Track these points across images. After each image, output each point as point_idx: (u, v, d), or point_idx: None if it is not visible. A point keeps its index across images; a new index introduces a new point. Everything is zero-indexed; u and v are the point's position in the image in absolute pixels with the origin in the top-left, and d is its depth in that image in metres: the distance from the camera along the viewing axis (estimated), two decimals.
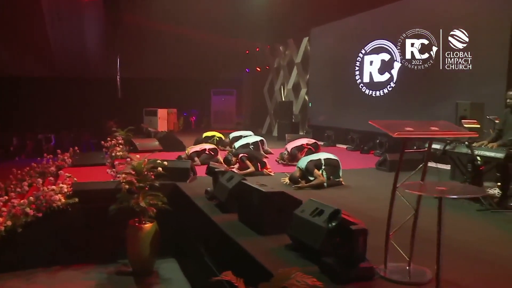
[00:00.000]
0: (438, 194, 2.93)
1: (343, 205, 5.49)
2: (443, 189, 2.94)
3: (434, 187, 2.98)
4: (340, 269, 3.48)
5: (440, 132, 3.49)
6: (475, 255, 4.33)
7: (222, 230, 5.12)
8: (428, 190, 3.13)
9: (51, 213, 7.02)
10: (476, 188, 3.18)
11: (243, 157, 8.60)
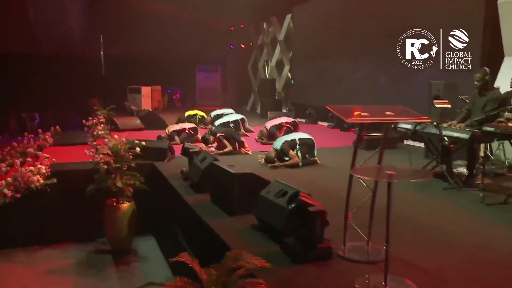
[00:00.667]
0: (386, 178, 3.06)
1: (315, 184, 5.69)
2: (392, 173, 3.06)
3: (384, 172, 3.10)
4: (299, 249, 3.64)
5: (394, 117, 3.62)
6: (431, 234, 4.52)
7: (194, 211, 5.27)
8: (377, 174, 3.25)
9: (30, 194, 7.11)
10: (425, 173, 3.32)
11: (220, 136, 8.71)
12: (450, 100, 7.96)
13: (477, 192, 5.82)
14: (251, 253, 3.63)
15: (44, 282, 6.00)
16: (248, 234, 4.42)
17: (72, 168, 7.61)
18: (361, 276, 3.45)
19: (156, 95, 20.40)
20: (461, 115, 6.82)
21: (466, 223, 4.87)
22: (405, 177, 3.16)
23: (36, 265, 6.56)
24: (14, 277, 6.16)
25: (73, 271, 6.39)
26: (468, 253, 4.00)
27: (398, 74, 10.78)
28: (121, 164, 6.80)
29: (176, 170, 7.14)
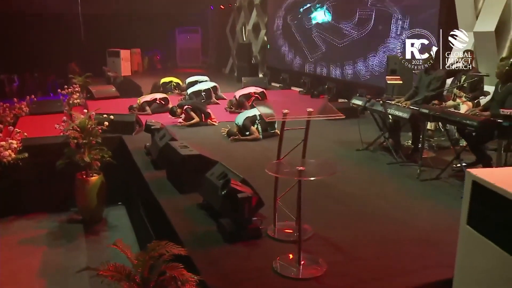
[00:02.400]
0: (296, 176, 3.44)
1: (266, 157, 5.91)
2: (301, 169, 3.47)
3: (295, 168, 3.50)
4: (230, 230, 4.13)
5: (313, 115, 4.00)
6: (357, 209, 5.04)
7: (148, 186, 5.74)
8: (287, 172, 3.63)
9: (2, 169, 7.50)
10: (332, 167, 3.73)
11: (187, 108, 9.10)
12: (406, 74, 8.35)
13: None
14: (189, 232, 4.16)
15: (15, 253, 6.48)
16: (192, 212, 4.90)
17: (43, 142, 7.99)
18: (283, 255, 3.93)
19: (135, 58, 20.51)
20: (409, 92, 7.25)
21: (395, 198, 5.37)
22: (313, 173, 3.55)
23: (10, 235, 7.02)
24: None
25: (45, 241, 6.88)
26: (385, 229, 4.50)
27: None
28: (88, 139, 7.19)
29: (142, 144, 7.55)
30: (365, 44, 11.34)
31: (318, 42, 13.41)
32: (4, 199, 7.58)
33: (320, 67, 13.32)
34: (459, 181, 5.78)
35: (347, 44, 12.16)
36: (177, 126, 9.00)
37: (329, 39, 12.88)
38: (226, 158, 6.80)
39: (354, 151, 7.37)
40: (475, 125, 5.20)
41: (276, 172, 3.61)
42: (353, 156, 7.19)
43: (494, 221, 2.66)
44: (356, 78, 11.67)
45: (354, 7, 11.62)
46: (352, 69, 11.90)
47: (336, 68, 12.58)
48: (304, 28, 14.06)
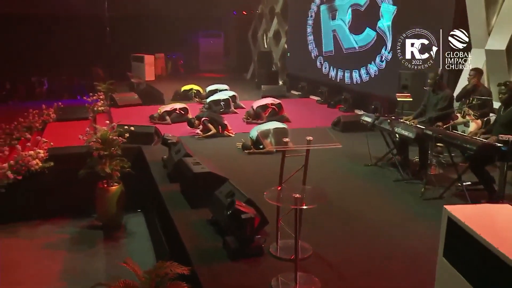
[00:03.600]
0: (292, 204, 3.71)
1: (277, 173, 6.14)
2: (298, 197, 3.73)
3: (291, 195, 3.77)
4: (234, 247, 4.45)
5: (313, 144, 4.27)
6: (355, 227, 5.32)
7: (163, 199, 6.10)
8: (284, 199, 3.90)
9: (30, 175, 7.99)
10: (323, 194, 4.00)
11: (205, 120, 9.46)
12: (418, 89, 8.54)
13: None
14: (197, 246, 4.50)
15: (39, 257, 6.92)
16: (201, 227, 5.24)
17: (67, 152, 8.45)
18: (282, 273, 4.23)
19: (159, 62, 20.99)
20: (417, 111, 7.46)
21: (393, 217, 5.62)
22: (308, 200, 3.83)
23: (34, 239, 7.49)
24: (14, 251, 7.09)
25: (66, 246, 7.31)
26: (379, 247, 4.78)
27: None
28: (109, 151, 7.59)
29: (160, 156, 7.94)
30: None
31: (337, 51, 13.61)
32: (31, 204, 8.08)
33: (338, 77, 13.53)
34: (462, 201, 5.99)
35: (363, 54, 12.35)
36: (194, 137, 9.36)
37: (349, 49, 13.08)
38: (238, 172, 7.20)
39: (362, 166, 7.61)
40: (474, 149, 5.41)
41: (275, 199, 3.89)
42: (361, 171, 7.43)
43: (466, 257, 2.89)
44: (372, 89, 11.85)
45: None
46: (369, 80, 12.09)
47: (353, 78, 12.78)
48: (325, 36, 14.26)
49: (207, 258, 4.53)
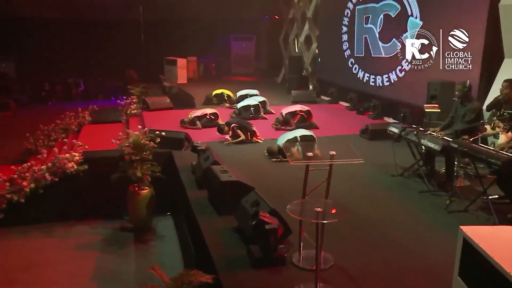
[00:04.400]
0: (314, 219, 3.84)
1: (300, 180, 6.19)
2: (320, 210, 3.86)
3: (313, 209, 3.90)
4: (257, 256, 4.60)
5: (336, 159, 4.38)
6: (376, 237, 5.39)
7: (190, 205, 6.31)
8: (306, 213, 4.03)
9: (66, 177, 8.35)
10: (345, 209, 4.10)
11: (234, 127, 9.66)
12: (446, 100, 8.53)
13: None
14: (221, 253, 4.68)
15: (72, 256, 7.26)
16: (227, 234, 5.41)
17: (100, 155, 8.79)
18: (304, 283, 4.37)
19: (191, 65, 21.31)
20: (444, 122, 7.46)
21: (416, 229, 5.66)
22: (331, 215, 3.95)
23: (69, 239, 7.85)
24: (49, 250, 7.46)
25: (98, 247, 7.62)
26: (400, 259, 4.85)
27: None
28: (141, 155, 7.86)
29: (189, 161, 8.15)
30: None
31: (367, 56, 13.59)
32: (66, 205, 8.45)
33: (367, 81, 13.52)
34: (487, 215, 5.98)
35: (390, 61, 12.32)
36: (223, 143, 9.56)
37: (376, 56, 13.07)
38: (264, 179, 7.35)
39: (388, 176, 7.64)
40: (499, 164, 5.42)
41: (298, 213, 4.02)
42: (386, 181, 7.47)
43: (480, 278, 2.97)
44: (401, 96, 11.82)
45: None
46: (398, 87, 12.05)
47: (381, 84, 12.76)
48: (357, 39, 14.26)
49: (231, 265, 4.69)
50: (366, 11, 13.40)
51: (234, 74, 23.03)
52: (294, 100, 14.44)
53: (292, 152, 8.30)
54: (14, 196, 8.04)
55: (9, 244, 7.62)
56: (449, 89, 8.77)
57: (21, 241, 7.72)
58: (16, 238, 7.80)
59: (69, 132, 12.23)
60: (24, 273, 6.72)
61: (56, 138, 12.10)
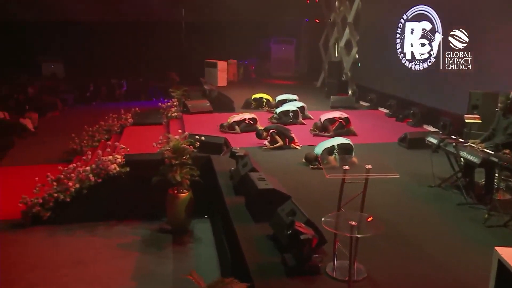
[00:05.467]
0: (348, 232, 3.92)
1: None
2: (354, 224, 3.94)
3: (348, 222, 3.98)
4: (291, 264, 4.71)
5: (372, 172, 4.43)
6: (411, 250, 5.40)
7: (227, 210, 6.46)
8: (341, 226, 4.11)
9: (108, 179, 8.66)
10: (380, 223, 4.15)
11: (272, 132, 9.78)
12: (488, 110, 8.40)
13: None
14: (256, 260, 4.81)
15: (113, 256, 7.52)
16: (262, 242, 5.54)
17: (142, 158, 9.05)
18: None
19: (231, 68, 21.53)
20: (486, 134, 7.36)
21: (451, 243, 5.65)
22: (365, 229, 4.02)
23: (110, 239, 8.13)
24: (91, 248, 7.75)
25: (138, 247, 7.87)
26: (433, 274, 4.87)
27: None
28: (180, 160, 8.07)
29: (228, 166, 8.32)
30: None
31: (408, 62, 13.45)
32: (108, 205, 8.75)
33: (408, 91, 13.38)
34: None
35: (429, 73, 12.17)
36: (261, 148, 9.69)
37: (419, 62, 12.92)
38: (301, 187, 7.44)
39: (425, 186, 7.58)
40: None
41: (332, 226, 4.11)
42: (424, 192, 7.43)
43: None
44: (441, 105, 11.66)
45: None
46: (438, 96, 11.89)
47: (423, 92, 12.61)
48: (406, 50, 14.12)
49: (265, 272, 4.82)
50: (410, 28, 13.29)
51: (274, 77, 23.12)
52: (333, 105, 14.44)
53: (329, 161, 8.41)
54: (60, 195, 8.42)
55: (57, 241, 7.99)
56: (492, 99, 8.62)
57: (67, 238, 8.07)
58: (62, 235, 8.15)
59: (112, 133, 12.65)
60: (71, 270, 7.05)
61: (99, 139, 12.55)
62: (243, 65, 23.29)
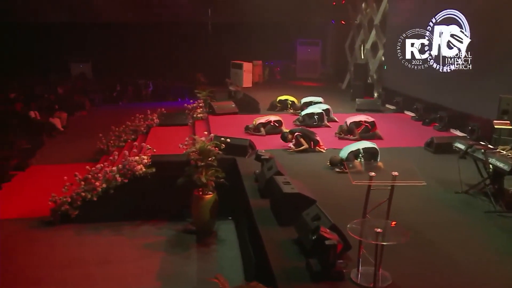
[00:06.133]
0: (374, 240, 3.91)
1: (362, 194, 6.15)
2: (380, 231, 3.93)
3: (374, 229, 3.97)
4: (316, 270, 4.71)
5: (398, 179, 4.40)
6: (438, 259, 5.32)
7: (252, 213, 6.49)
8: (366, 233, 4.09)
9: (134, 179, 8.79)
10: (406, 231, 4.12)
11: (298, 135, 9.76)
12: None
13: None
14: (281, 264, 4.83)
15: (138, 255, 7.66)
16: (287, 245, 5.55)
17: (168, 159, 9.16)
18: None
19: (256, 69, 21.56)
20: None
21: (478, 253, 5.54)
22: (391, 237, 3.99)
23: (135, 238, 8.27)
24: (117, 247, 7.92)
25: (163, 247, 7.98)
26: (459, 283, 4.80)
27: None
28: (206, 161, 8.13)
29: (253, 169, 8.34)
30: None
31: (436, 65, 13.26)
32: (134, 205, 8.90)
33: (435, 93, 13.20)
34: None
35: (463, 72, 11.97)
36: (287, 151, 9.70)
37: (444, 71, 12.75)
38: (326, 191, 7.42)
39: (452, 192, 7.46)
40: None
41: (358, 233, 4.10)
42: (450, 198, 7.30)
43: None
44: (470, 109, 11.47)
45: None
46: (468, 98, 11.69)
47: (450, 96, 12.43)
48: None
49: (290, 277, 4.83)
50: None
51: (299, 79, 23.06)
52: (359, 108, 14.33)
53: (355, 165, 8.35)
54: (88, 194, 8.59)
55: (84, 240, 8.16)
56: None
57: (93, 237, 8.24)
58: (89, 234, 8.33)
59: (138, 134, 12.81)
60: (98, 268, 7.21)
61: (126, 139, 12.72)
62: (269, 66, 23.31)
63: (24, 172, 11.89)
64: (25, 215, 9.07)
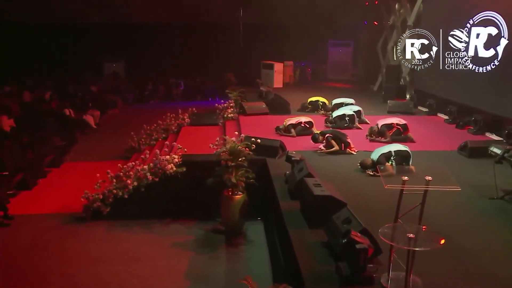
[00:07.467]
0: (406, 245, 3.83)
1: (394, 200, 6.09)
2: (412, 237, 3.85)
3: (406, 234, 3.89)
4: (346, 274, 4.65)
5: (431, 184, 4.30)
6: (469, 267, 5.20)
7: (282, 214, 6.46)
8: (398, 238, 4.01)
9: (165, 178, 8.87)
10: (438, 237, 4.03)
11: (328, 137, 9.69)
12: None
13: None
14: (310, 267, 4.79)
15: (168, 254, 7.72)
16: (316, 248, 5.49)
17: (198, 159, 9.22)
18: None
19: (287, 70, 21.54)
20: None
21: None
22: (423, 243, 3.91)
23: (165, 237, 8.34)
24: (148, 245, 8.00)
25: (191, 247, 8.02)
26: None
27: None
28: (236, 162, 8.15)
29: (283, 170, 8.29)
30: None
31: (471, 67, 12.97)
32: (164, 203, 9.00)
33: (470, 97, 12.91)
34: None
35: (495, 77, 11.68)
36: (317, 152, 9.64)
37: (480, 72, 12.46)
38: (356, 194, 7.34)
39: (486, 198, 7.26)
40: None
41: (389, 237, 4.03)
42: (485, 204, 7.10)
43: None
44: (507, 112, 11.17)
45: None
46: (504, 101, 11.40)
47: (485, 98, 12.13)
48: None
49: (319, 280, 4.79)
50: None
51: (330, 80, 22.93)
52: (390, 110, 14.14)
53: (386, 169, 8.23)
54: (119, 192, 8.71)
55: (115, 236, 8.30)
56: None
57: (124, 234, 8.36)
58: (120, 231, 8.46)
59: (169, 133, 12.95)
60: (128, 266, 7.29)
61: (157, 138, 12.89)
62: (300, 67, 23.25)
63: (59, 168, 12.17)
64: (58, 211, 9.29)
